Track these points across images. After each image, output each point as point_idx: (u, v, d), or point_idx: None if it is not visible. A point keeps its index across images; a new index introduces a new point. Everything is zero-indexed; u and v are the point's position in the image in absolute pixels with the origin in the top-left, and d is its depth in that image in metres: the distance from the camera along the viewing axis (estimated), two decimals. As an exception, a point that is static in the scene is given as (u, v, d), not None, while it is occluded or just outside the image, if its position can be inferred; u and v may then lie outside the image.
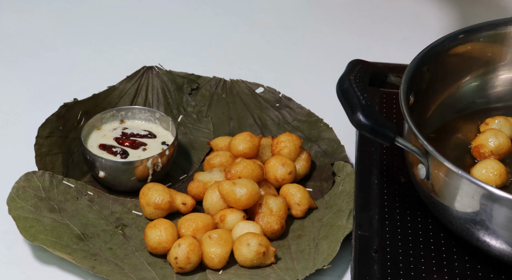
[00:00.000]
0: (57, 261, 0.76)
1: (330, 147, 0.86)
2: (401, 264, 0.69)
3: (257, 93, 0.92)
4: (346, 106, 0.68)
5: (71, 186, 0.80)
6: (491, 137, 0.76)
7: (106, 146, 0.83)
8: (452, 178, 0.66)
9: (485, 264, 0.69)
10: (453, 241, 0.71)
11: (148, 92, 0.92)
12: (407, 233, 0.72)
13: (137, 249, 0.75)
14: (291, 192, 0.79)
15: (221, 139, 0.86)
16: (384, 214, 0.73)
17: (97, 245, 0.75)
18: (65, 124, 0.86)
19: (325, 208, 0.79)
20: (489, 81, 0.82)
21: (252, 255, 0.72)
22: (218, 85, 0.93)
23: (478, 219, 0.65)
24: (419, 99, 0.76)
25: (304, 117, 0.89)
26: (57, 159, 0.83)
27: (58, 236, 0.75)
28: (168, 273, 0.73)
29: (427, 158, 0.67)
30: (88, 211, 0.79)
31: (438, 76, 0.78)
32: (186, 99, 0.92)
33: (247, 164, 0.78)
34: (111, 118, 0.86)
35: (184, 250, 0.72)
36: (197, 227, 0.75)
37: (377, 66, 0.74)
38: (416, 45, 0.79)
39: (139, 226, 0.78)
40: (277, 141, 0.83)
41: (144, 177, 0.81)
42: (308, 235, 0.76)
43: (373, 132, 0.67)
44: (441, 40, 0.77)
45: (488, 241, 0.66)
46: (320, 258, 0.73)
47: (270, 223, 0.76)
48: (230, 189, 0.76)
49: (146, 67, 0.93)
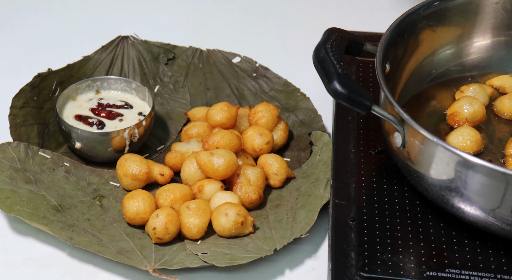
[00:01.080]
0: (34, 233, 0.75)
1: (307, 116, 0.86)
2: (377, 231, 0.69)
3: (234, 62, 0.91)
4: (322, 75, 0.68)
5: (47, 157, 0.79)
6: (466, 104, 0.77)
7: (82, 117, 0.82)
8: (427, 146, 0.66)
9: (460, 230, 0.70)
10: (428, 209, 0.72)
11: (123, 62, 0.91)
12: (384, 201, 0.72)
13: (115, 220, 0.75)
14: (268, 162, 0.79)
15: (198, 109, 0.86)
16: (361, 183, 0.74)
17: (75, 216, 0.75)
18: (39, 94, 0.85)
19: (303, 177, 0.79)
20: (464, 49, 0.83)
21: (230, 225, 0.72)
22: (194, 55, 0.92)
23: (453, 186, 0.66)
24: (395, 67, 0.76)
25: (281, 87, 0.89)
26: (32, 129, 0.82)
27: (34, 207, 0.75)
28: (146, 243, 0.73)
29: (403, 126, 0.68)
30: (64, 182, 0.78)
31: (413, 44, 0.78)
32: (163, 69, 0.91)
33: (225, 134, 0.78)
34: (86, 89, 0.85)
35: (162, 221, 0.72)
36: (175, 198, 0.75)
37: (353, 34, 0.74)
38: (392, 13, 0.79)
39: (117, 197, 0.78)
40: (255, 111, 0.82)
41: (121, 148, 0.81)
42: (286, 205, 0.76)
43: (349, 101, 0.67)
44: (416, 7, 0.77)
45: (463, 207, 0.67)
46: (298, 227, 0.73)
47: (248, 193, 0.76)
48: (208, 159, 0.76)
49: (121, 37, 0.92)
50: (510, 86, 0.81)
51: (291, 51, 0.98)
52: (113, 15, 1.03)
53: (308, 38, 0.91)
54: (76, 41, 0.98)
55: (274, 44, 0.99)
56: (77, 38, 0.99)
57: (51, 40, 0.99)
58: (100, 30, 0.99)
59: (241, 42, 0.98)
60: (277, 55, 0.97)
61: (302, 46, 0.95)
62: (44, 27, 1.00)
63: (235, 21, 1.03)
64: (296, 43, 0.99)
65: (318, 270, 0.73)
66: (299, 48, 0.97)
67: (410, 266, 0.67)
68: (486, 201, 0.65)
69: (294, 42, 0.99)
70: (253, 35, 1.01)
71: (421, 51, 0.80)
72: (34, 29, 1.00)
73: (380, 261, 0.67)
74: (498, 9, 0.81)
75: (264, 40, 1.00)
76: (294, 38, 1.00)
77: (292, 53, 0.97)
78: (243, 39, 1.00)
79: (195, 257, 0.71)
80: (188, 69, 0.91)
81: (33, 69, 0.88)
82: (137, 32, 0.93)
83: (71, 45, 0.97)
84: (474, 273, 0.66)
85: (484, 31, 0.82)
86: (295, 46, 0.98)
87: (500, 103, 0.79)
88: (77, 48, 0.94)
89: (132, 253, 0.72)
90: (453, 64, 0.82)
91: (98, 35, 0.96)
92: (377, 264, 0.67)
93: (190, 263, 0.70)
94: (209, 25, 1.02)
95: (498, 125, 0.78)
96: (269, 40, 1.00)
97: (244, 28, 1.02)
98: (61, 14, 1.03)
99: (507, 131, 0.77)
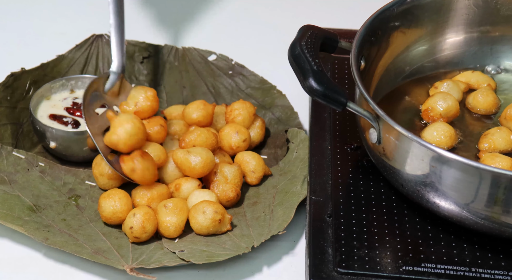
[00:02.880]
0: (9, 233, 0.74)
1: (283, 114, 0.87)
2: (354, 227, 0.70)
3: (210, 60, 0.91)
4: (297, 72, 0.68)
5: (21, 157, 0.79)
6: (440, 100, 0.78)
7: (57, 116, 0.81)
8: (402, 142, 0.67)
9: (435, 225, 0.70)
10: (404, 204, 0.72)
11: (98, 61, 0.90)
12: (360, 197, 0.73)
13: (91, 220, 0.75)
14: (245, 160, 0.79)
15: (174, 107, 0.85)
16: (337, 179, 0.74)
17: (50, 217, 0.74)
18: (13, 94, 0.84)
19: (280, 175, 0.80)
20: (437, 45, 0.83)
21: (208, 223, 0.72)
22: (170, 53, 0.92)
23: (428, 181, 0.66)
24: (370, 64, 0.76)
25: (258, 85, 0.89)
26: (6, 130, 0.81)
27: (9, 208, 0.74)
28: (123, 243, 0.73)
29: (378, 122, 0.68)
30: (39, 182, 0.77)
31: (387, 41, 0.79)
32: (138, 68, 0.91)
33: (201, 132, 0.78)
34: (60, 88, 0.84)
35: (139, 220, 0.72)
36: (152, 197, 0.74)
37: (328, 31, 0.74)
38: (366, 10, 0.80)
39: (93, 196, 0.77)
40: (231, 108, 0.82)
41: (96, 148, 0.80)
42: (263, 202, 0.77)
43: (325, 98, 0.67)
44: (389, 4, 0.77)
45: (438, 202, 0.67)
46: (275, 224, 0.73)
47: (225, 191, 0.76)
48: (185, 157, 0.76)
49: (95, 35, 0.91)
50: (475, 82, 0.82)
51: (267, 48, 0.98)
52: (87, 14, 1.02)
53: (283, 35, 0.91)
54: (50, 40, 0.97)
55: (249, 42, 0.99)
56: (51, 37, 0.98)
57: (24, 39, 0.98)
58: (74, 28, 0.99)
59: (216, 40, 0.98)
60: (253, 52, 0.97)
61: (277, 43, 0.95)
62: (17, 26, 0.99)
63: (210, 19, 1.03)
64: (272, 41, 0.99)
65: (295, 266, 0.73)
66: (275, 46, 0.97)
67: (387, 261, 0.67)
68: (461, 196, 0.65)
69: (270, 39, 1.00)
70: (228, 32, 1.01)
71: (395, 47, 0.80)
72: (6, 28, 0.99)
73: (357, 256, 0.67)
74: (470, 6, 0.82)
75: (239, 38, 1.00)
76: (270, 35, 1.00)
77: (268, 50, 0.98)
78: (219, 37, 1.00)
79: (173, 255, 0.71)
80: (164, 67, 0.91)
81: (6, 69, 0.87)
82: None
83: (44, 44, 0.96)
84: (450, 267, 0.67)
85: (457, 27, 0.83)
86: (271, 43, 0.99)
87: (473, 99, 0.80)
88: (51, 47, 0.93)
89: (109, 252, 0.71)
90: (426, 60, 0.83)
91: (72, 33, 0.96)
92: (354, 259, 0.67)
93: (168, 262, 0.70)
94: (184, 23, 1.02)
95: (471, 120, 0.79)
96: (244, 37, 1.00)
97: (220, 26, 1.02)
98: (34, 12, 1.02)
99: (480, 126, 0.78)
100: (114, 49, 0.81)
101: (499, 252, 0.68)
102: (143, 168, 0.73)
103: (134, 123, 0.74)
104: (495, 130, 0.75)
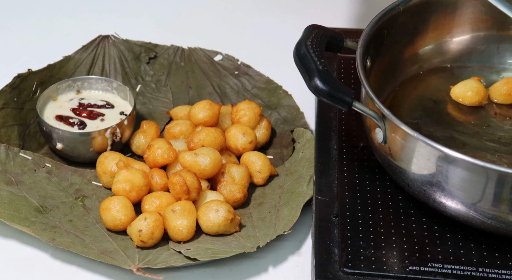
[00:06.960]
0: (16, 234, 0.75)
1: (289, 114, 0.86)
2: (360, 227, 0.70)
3: (215, 61, 0.91)
4: (303, 72, 0.68)
5: (28, 158, 0.79)
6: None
7: (63, 117, 0.82)
8: (408, 141, 0.66)
9: (442, 225, 0.70)
10: (410, 204, 0.72)
11: (105, 62, 0.90)
12: (366, 197, 0.72)
13: (98, 221, 0.75)
14: (252, 160, 0.79)
15: (180, 108, 0.85)
16: (343, 179, 0.74)
17: (57, 217, 0.74)
18: (19, 95, 0.84)
19: (286, 175, 0.79)
20: (443, 44, 0.83)
21: (220, 221, 0.72)
22: (176, 53, 0.92)
23: (435, 180, 0.66)
24: (376, 63, 0.76)
25: (263, 85, 0.89)
26: (13, 131, 0.82)
27: (16, 209, 0.74)
28: (129, 244, 0.73)
29: (384, 122, 0.68)
30: (46, 183, 0.78)
31: (394, 39, 0.78)
32: (144, 68, 0.91)
33: (209, 132, 0.78)
34: (67, 89, 0.85)
35: (150, 225, 0.71)
36: (161, 204, 0.74)
37: (333, 31, 0.74)
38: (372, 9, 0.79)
39: (100, 197, 0.78)
40: (237, 109, 0.82)
41: (103, 148, 0.80)
42: (269, 203, 0.77)
43: (330, 97, 0.67)
44: (395, 3, 0.77)
45: (444, 202, 0.67)
46: (281, 224, 0.73)
47: (232, 192, 0.76)
48: (193, 160, 0.75)
49: (102, 36, 0.91)
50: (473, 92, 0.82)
51: (273, 48, 0.98)
52: (93, 14, 1.02)
53: (289, 35, 0.91)
54: (56, 41, 0.97)
55: (255, 42, 0.99)
56: (57, 38, 0.98)
57: (31, 40, 0.98)
58: (81, 29, 0.99)
59: (222, 40, 0.98)
60: (259, 52, 0.97)
61: (283, 43, 0.95)
62: (23, 27, 1.00)
63: (216, 19, 1.03)
64: (278, 41, 0.99)
65: (301, 266, 0.73)
66: (280, 46, 0.97)
67: (393, 261, 0.67)
68: (467, 195, 0.65)
69: (276, 39, 0.99)
70: (234, 32, 1.01)
71: (401, 46, 0.80)
72: (14, 29, 0.99)
73: (363, 256, 0.67)
74: (477, 4, 0.82)
75: (245, 38, 1.00)
76: (276, 35, 1.00)
77: (273, 50, 0.98)
78: (225, 37, 1.00)
79: (179, 256, 0.71)
80: (170, 67, 0.91)
81: (12, 70, 0.87)
82: (118, 31, 0.93)
83: (51, 45, 0.97)
84: (456, 267, 0.67)
85: (464, 26, 0.83)
86: (277, 43, 0.98)
87: (495, 90, 0.80)
88: (57, 48, 0.94)
89: (116, 253, 0.71)
90: (433, 59, 0.83)
91: (78, 34, 0.96)
92: (360, 259, 0.67)
93: (174, 262, 0.70)
94: (191, 23, 1.02)
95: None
96: (250, 37, 1.00)
97: (226, 26, 1.02)
98: (40, 14, 1.02)
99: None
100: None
101: (506, 252, 0.68)
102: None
103: (133, 183, 0.74)
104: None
